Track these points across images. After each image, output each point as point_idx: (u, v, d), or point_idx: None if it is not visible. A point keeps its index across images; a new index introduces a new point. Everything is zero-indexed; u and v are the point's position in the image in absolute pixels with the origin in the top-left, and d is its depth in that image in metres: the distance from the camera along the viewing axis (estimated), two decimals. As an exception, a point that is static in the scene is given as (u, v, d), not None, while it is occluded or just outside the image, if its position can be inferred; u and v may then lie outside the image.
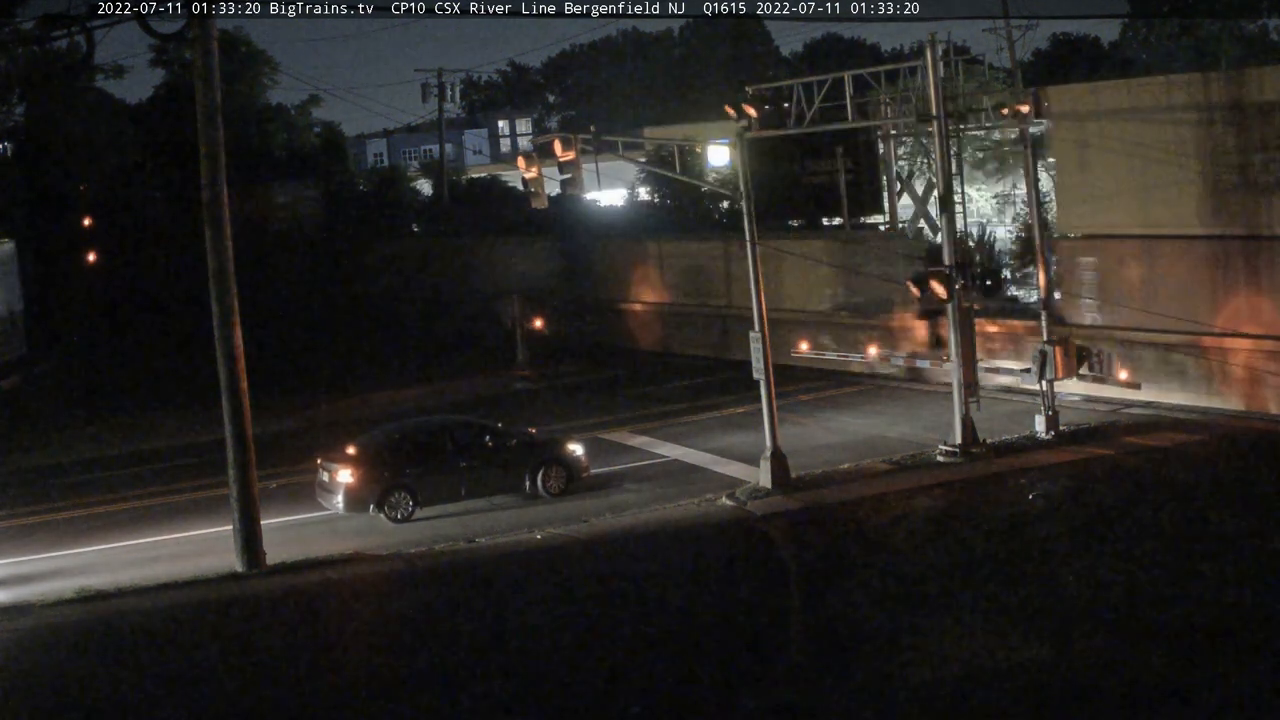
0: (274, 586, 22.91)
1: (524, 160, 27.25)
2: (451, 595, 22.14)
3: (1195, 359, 30.78)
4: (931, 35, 27.74)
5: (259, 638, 20.75)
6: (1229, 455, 26.87)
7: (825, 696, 16.56)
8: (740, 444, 30.97)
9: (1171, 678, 16.25)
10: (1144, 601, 18.81)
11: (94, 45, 25.61)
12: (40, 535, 27.31)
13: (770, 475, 26.95)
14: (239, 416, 23.90)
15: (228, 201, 23.87)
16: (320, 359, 50.19)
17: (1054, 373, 29.24)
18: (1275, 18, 66.72)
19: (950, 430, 28.44)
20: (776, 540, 23.91)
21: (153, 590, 22.77)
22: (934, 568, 21.13)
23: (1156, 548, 21.05)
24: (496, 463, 27.56)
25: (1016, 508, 24.18)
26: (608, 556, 23.47)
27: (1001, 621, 18.43)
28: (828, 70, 30.20)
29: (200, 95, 23.51)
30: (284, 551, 24.26)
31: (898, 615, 19.10)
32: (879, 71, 29.53)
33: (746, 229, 27.58)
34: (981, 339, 31.12)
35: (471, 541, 25.01)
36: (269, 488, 27.12)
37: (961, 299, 27.86)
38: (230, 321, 23.76)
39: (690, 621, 19.75)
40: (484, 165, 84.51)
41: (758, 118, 27.86)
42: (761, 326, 27.41)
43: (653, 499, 27.16)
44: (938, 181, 28.44)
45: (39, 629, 21.05)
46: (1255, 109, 28.98)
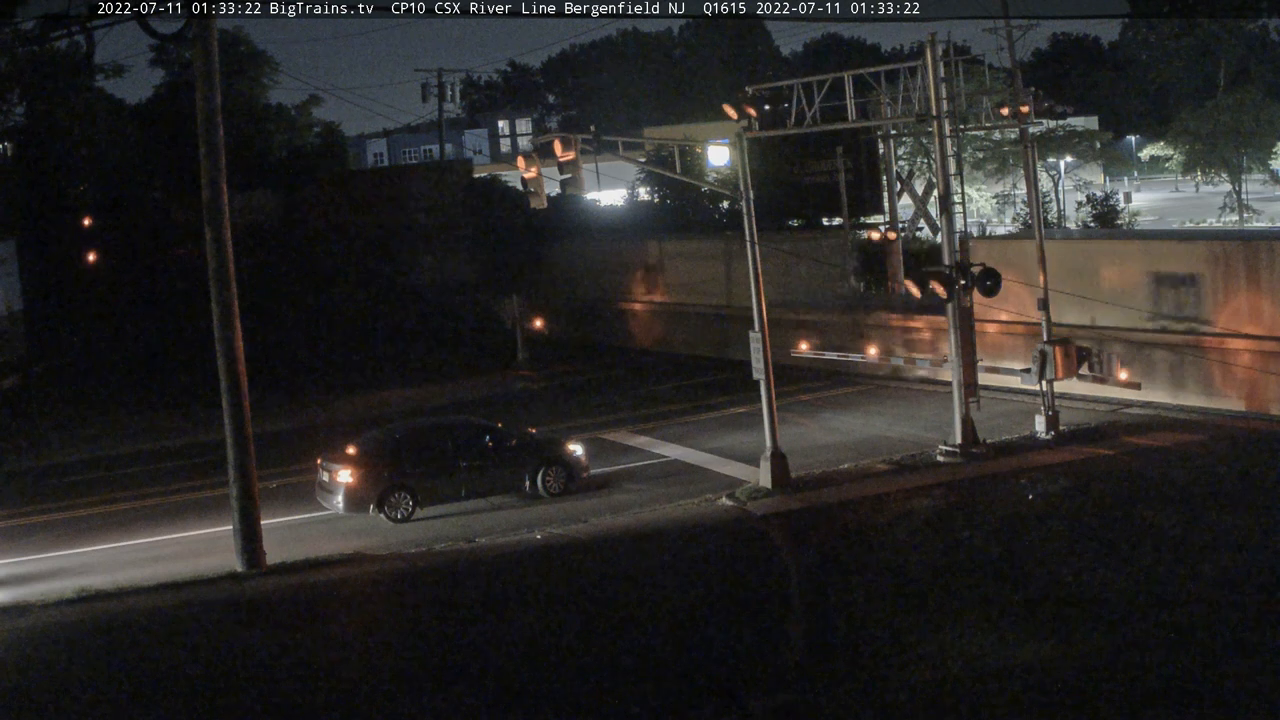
0: (274, 586, 22.91)
1: (524, 160, 27.24)
2: (451, 595, 22.13)
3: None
4: (931, 35, 27.73)
5: (259, 638, 20.73)
6: (1229, 455, 26.87)
7: (825, 696, 16.56)
8: (740, 444, 30.98)
9: (1171, 678, 16.24)
10: (1144, 601, 18.80)
11: (94, 45, 25.70)
12: (40, 535, 27.31)
13: (770, 475, 26.95)
14: (239, 416, 23.89)
15: (228, 201, 23.87)
16: (320, 359, 50.21)
17: (1054, 373, 29.24)
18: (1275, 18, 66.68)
19: (950, 430, 28.45)
20: (776, 540, 23.89)
21: (153, 590, 22.76)
22: (934, 568, 21.12)
23: (1156, 548, 21.05)
24: (496, 463, 27.57)
25: (1016, 508, 24.18)
26: (608, 557, 23.47)
27: (1001, 621, 18.43)
28: (828, 70, 30.18)
29: (200, 95, 23.50)
30: (284, 551, 24.26)
31: (898, 615, 19.10)
32: (879, 71, 29.49)
33: (747, 229, 27.58)
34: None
35: (471, 541, 25.01)
36: (269, 488, 27.13)
37: (961, 299, 27.86)
38: (230, 321, 23.76)
39: (690, 621, 19.74)
40: (484, 165, 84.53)
41: (757, 118, 27.85)
42: (761, 326, 27.40)
43: (653, 499, 27.16)
44: (938, 181, 28.43)
45: (39, 629, 21.04)
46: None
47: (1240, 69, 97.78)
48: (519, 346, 46.78)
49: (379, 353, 50.96)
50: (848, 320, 39.67)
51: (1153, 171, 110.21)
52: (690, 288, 46.65)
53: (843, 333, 39.49)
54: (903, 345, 37.85)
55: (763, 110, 27.89)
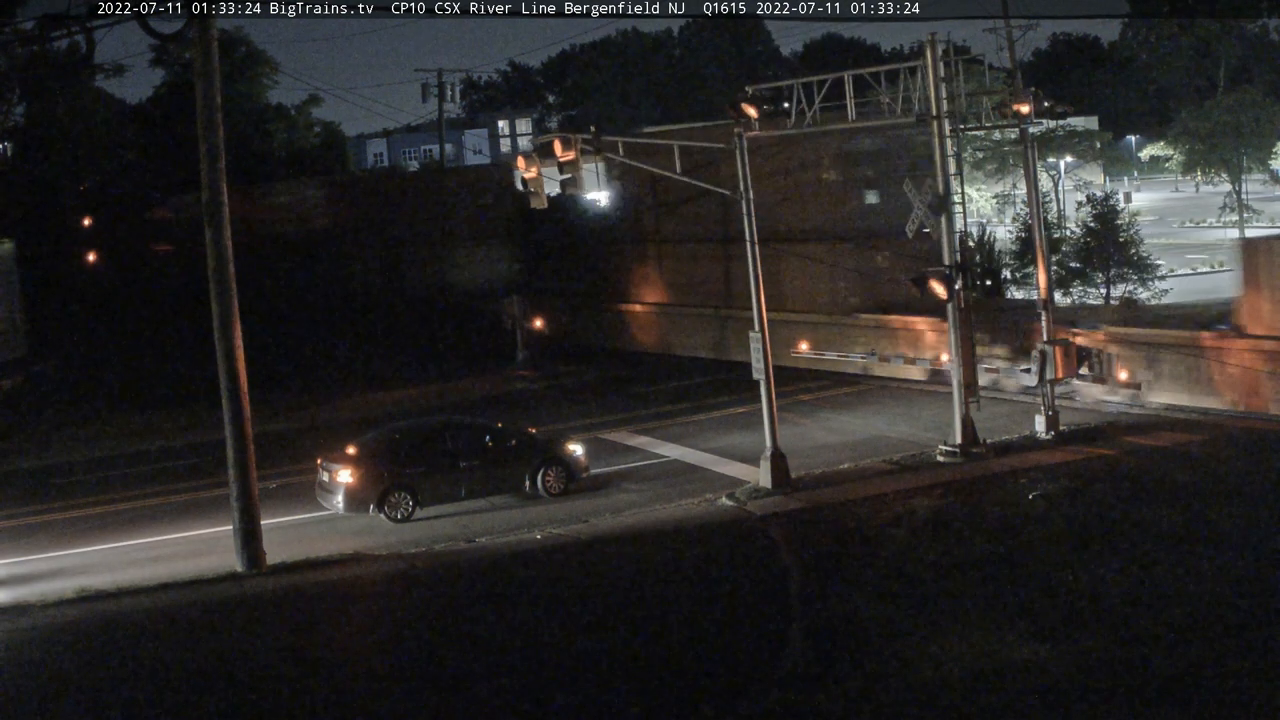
0: (274, 586, 22.91)
1: (524, 160, 27.24)
2: (451, 595, 22.13)
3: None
4: (931, 35, 27.76)
5: (259, 638, 20.72)
6: (1229, 455, 26.87)
7: (825, 696, 16.54)
8: (740, 444, 30.98)
9: (1171, 678, 16.23)
10: (1144, 601, 18.79)
11: (94, 45, 25.67)
12: (40, 535, 27.31)
13: (770, 475, 26.95)
14: (239, 416, 23.89)
15: (228, 201, 23.87)
16: (320, 359, 50.21)
17: (1054, 373, 29.23)
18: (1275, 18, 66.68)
19: (950, 430, 28.44)
20: (776, 540, 23.88)
21: (153, 590, 22.76)
22: (934, 568, 21.11)
23: (1156, 548, 21.03)
24: (496, 463, 27.57)
25: (1016, 508, 24.16)
26: (608, 557, 23.46)
27: (1001, 621, 18.41)
28: (828, 70, 30.18)
29: (200, 95, 23.51)
30: (284, 551, 24.27)
31: (898, 615, 19.08)
32: (879, 71, 29.48)
33: (746, 229, 27.56)
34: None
35: (471, 541, 25.02)
36: (269, 488, 27.14)
37: (960, 299, 27.85)
38: (230, 321, 23.76)
39: (690, 621, 19.73)
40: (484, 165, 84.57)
41: (757, 118, 27.85)
42: (761, 326, 27.40)
43: (653, 499, 27.16)
44: (938, 181, 28.41)
45: (39, 629, 21.04)
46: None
47: (1240, 69, 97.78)
48: (519, 346, 46.77)
49: (379, 353, 50.97)
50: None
51: (1153, 171, 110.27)
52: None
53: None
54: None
55: (763, 110, 27.89)
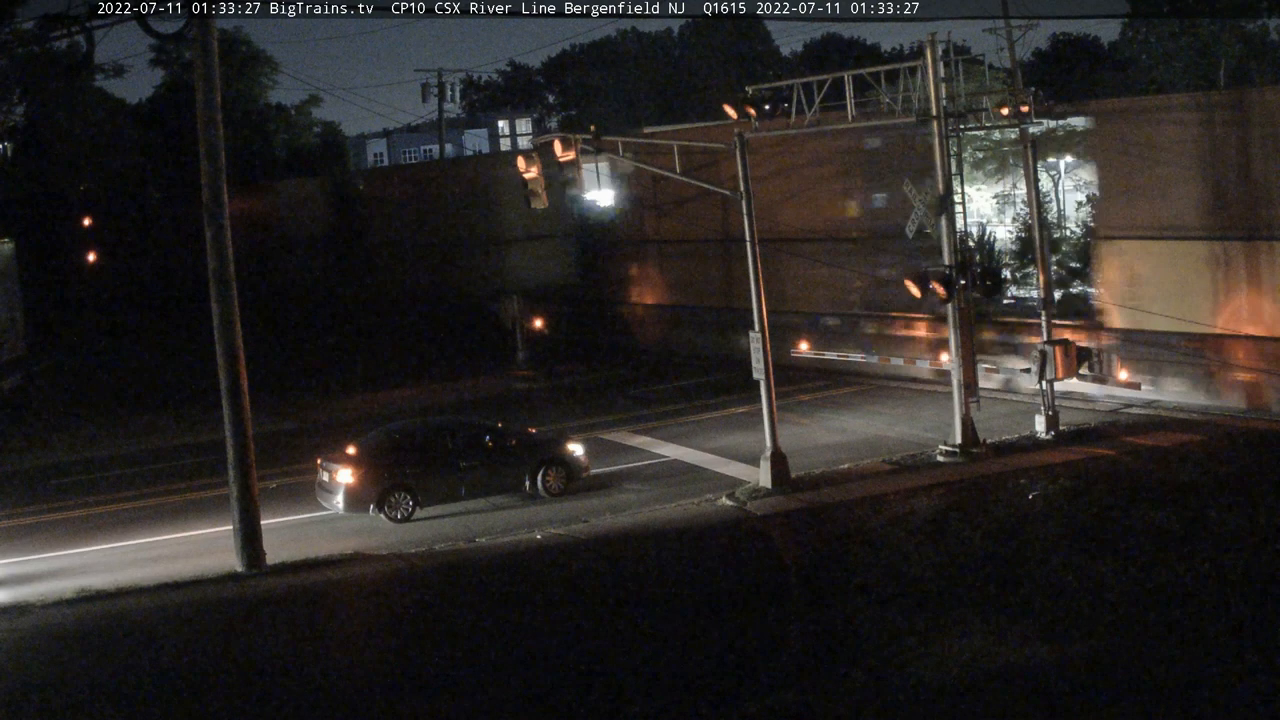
0: (274, 586, 22.91)
1: (524, 160, 27.23)
2: (452, 595, 22.14)
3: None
4: (931, 35, 27.74)
5: (259, 638, 20.74)
6: (1229, 455, 26.87)
7: (825, 697, 16.55)
8: (740, 444, 30.98)
9: (1172, 677, 16.24)
10: (1144, 601, 18.80)
11: (94, 45, 25.62)
12: (40, 535, 27.30)
13: (770, 475, 26.95)
14: (239, 417, 23.89)
15: (228, 201, 23.87)
16: (320, 359, 50.21)
17: (1054, 373, 29.22)
18: (1275, 18, 66.63)
19: (950, 430, 28.44)
20: (776, 540, 23.89)
21: (153, 590, 22.76)
22: (934, 568, 21.11)
23: (1156, 548, 21.03)
24: (496, 463, 27.56)
25: (1016, 508, 24.16)
26: (608, 557, 23.46)
27: (1001, 621, 18.42)
28: (828, 70, 30.18)
29: (200, 95, 23.51)
30: (284, 551, 24.26)
31: (898, 615, 19.09)
32: (879, 71, 29.47)
33: (747, 229, 27.56)
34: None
35: (471, 541, 25.02)
36: (269, 488, 27.13)
37: (961, 298, 27.85)
38: (230, 322, 23.75)
39: (690, 621, 19.74)
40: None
41: (757, 117, 27.85)
42: (762, 326, 27.40)
43: (653, 499, 27.16)
44: (938, 181, 28.41)
45: (39, 629, 21.04)
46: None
47: (1240, 69, 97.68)
48: (519, 346, 46.77)
49: (379, 353, 50.97)
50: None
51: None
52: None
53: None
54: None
55: (763, 110, 27.89)
